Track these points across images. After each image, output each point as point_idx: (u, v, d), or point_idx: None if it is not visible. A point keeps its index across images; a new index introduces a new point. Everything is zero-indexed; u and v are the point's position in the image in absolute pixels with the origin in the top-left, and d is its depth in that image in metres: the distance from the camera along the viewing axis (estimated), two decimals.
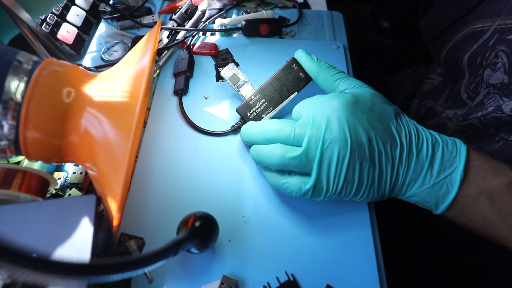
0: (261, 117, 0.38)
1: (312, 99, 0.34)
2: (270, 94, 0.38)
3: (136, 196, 0.35)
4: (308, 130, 0.31)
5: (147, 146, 0.39)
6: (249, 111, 0.38)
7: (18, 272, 0.15)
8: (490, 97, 0.42)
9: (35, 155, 0.28)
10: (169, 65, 0.46)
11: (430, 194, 0.30)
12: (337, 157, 0.30)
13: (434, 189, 0.30)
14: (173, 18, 0.50)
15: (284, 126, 0.32)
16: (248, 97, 0.38)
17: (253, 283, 0.31)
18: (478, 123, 0.43)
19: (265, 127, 0.33)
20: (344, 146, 0.29)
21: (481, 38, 0.43)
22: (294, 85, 0.38)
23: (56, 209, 0.27)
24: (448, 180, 0.30)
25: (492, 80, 0.42)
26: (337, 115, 0.30)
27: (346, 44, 0.50)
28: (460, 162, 0.30)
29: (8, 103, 0.25)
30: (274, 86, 0.38)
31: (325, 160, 0.30)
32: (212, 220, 0.29)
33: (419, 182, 0.30)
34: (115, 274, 0.18)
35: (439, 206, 0.31)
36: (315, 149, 0.30)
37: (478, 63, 0.44)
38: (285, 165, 0.31)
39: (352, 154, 0.30)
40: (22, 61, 0.26)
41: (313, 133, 0.30)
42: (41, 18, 0.42)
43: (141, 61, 0.30)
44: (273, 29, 0.48)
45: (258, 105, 0.38)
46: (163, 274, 0.31)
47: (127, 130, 0.25)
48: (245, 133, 0.36)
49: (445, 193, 0.30)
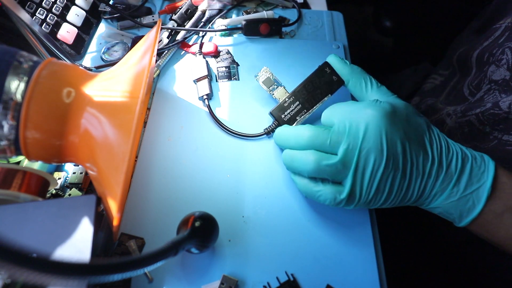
0: (295, 119, 0.38)
1: (344, 105, 0.33)
2: (303, 96, 0.38)
3: (136, 196, 0.35)
4: (345, 138, 0.30)
5: (147, 146, 0.39)
6: (283, 114, 0.38)
7: (18, 272, 0.15)
8: (490, 93, 0.43)
9: (35, 155, 0.28)
10: (169, 65, 0.46)
11: (455, 207, 0.30)
12: (372, 167, 0.30)
13: (460, 203, 0.30)
14: (173, 18, 0.50)
15: (319, 132, 0.32)
16: (282, 99, 0.38)
17: (253, 283, 0.31)
18: (475, 120, 0.43)
19: (299, 132, 0.33)
20: (380, 156, 0.29)
21: (493, 35, 0.44)
22: (327, 87, 0.38)
23: (56, 209, 0.27)
24: (474, 195, 0.30)
25: (495, 76, 0.42)
26: (375, 124, 0.30)
27: (346, 44, 0.50)
28: (488, 178, 0.30)
29: (8, 103, 0.25)
30: (307, 88, 0.38)
31: (360, 169, 0.30)
32: (212, 220, 0.29)
33: (445, 194, 0.30)
34: (115, 274, 0.18)
35: (462, 219, 0.31)
36: (351, 157, 0.30)
37: (485, 59, 0.44)
38: (320, 172, 0.31)
39: (387, 165, 0.30)
40: (22, 61, 0.26)
41: (350, 141, 0.30)
42: (41, 18, 0.42)
43: (141, 61, 0.30)
44: (273, 28, 0.48)
45: (292, 108, 0.38)
46: (163, 274, 0.31)
47: (127, 130, 0.25)
48: (279, 136, 0.35)
49: (470, 207, 0.30)
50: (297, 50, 0.48)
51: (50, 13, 0.43)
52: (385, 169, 0.30)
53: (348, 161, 0.30)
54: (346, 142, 0.30)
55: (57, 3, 0.44)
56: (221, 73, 0.45)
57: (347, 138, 0.30)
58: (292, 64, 0.46)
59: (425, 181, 0.30)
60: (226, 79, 0.45)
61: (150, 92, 0.43)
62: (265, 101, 0.43)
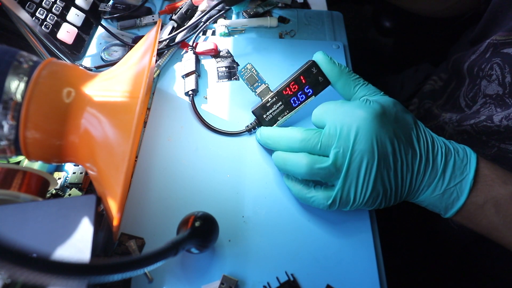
0: (277, 119, 0.37)
1: (334, 105, 0.33)
2: (286, 97, 0.38)
3: (136, 196, 0.35)
4: (335, 141, 0.31)
5: (147, 146, 0.39)
6: (265, 113, 0.38)
7: (18, 272, 0.15)
8: (486, 106, 0.43)
9: (35, 155, 0.28)
10: (169, 65, 0.46)
11: (440, 200, 0.32)
12: (365, 168, 0.30)
13: (445, 196, 0.31)
14: (173, 18, 0.50)
15: (310, 136, 0.32)
16: (265, 99, 0.38)
17: (253, 283, 0.31)
18: (471, 130, 0.44)
19: (290, 135, 0.33)
20: (372, 158, 0.30)
21: (478, 50, 0.45)
22: (312, 89, 0.37)
23: (56, 209, 0.27)
24: (458, 188, 0.31)
25: (488, 90, 0.43)
26: (366, 126, 0.30)
27: (346, 44, 0.50)
28: (470, 171, 0.31)
29: (8, 103, 0.25)
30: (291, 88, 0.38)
31: (354, 171, 0.30)
32: (212, 220, 0.29)
33: (431, 188, 0.31)
34: (115, 274, 0.18)
35: (448, 211, 0.32)
36: (343, 160, 0.30)
37: (475, 73, 0.45)
38: (312, 175, 0.31)
39: (379, 165, 0.30)
40: (22, 61, 0.26)
41: (341, 144, 0.30)
42: (41, 18, 0.42)
43: (141, 61, 0.30)
44: None
45: (274, 108, 0.37)
46: (163, 274, 0.31)
47: (127, 130, 0.25)
48: (267, 137, 0.35)
49: (454, 199, 0.31)
50: (297, 50, 0.48)
51: (50, 13, 0.43)
52: (378, 170, 0.30)
53: (340, 164, 0.31)
54: (337, 145, 0.31)
55: (57, 3, 0.44)
56: (221, 73, 0.45)
57: (338, 141, 0.31)
58: (292, 64, 0.46)
59: (415, 177, 0.31)
60: (226, 79, 0.45)
61: (150, 92, 0.43)
62: None
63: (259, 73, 0.39)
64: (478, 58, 0.45)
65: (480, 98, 0.44)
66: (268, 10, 0.53)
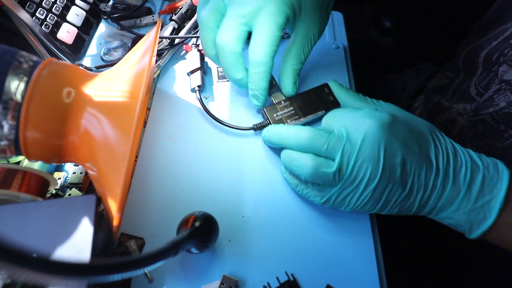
0: (286, 122, 0.37)
1: (345, 112, 0.33)
2: (298, 104, 0.38)
3: (136, 196, 0.35)
4: (342, 144, 0.30)
5: (147, 146, 0.39)
6: (275, 113, 0.38)
7: (18, 272, 0.15)
8: (501, 93, 0.42)
9: (35, 155, 0.28)
10: (170, 65, 0.46)
11: (465, 219, 0.29)
12: (368, 177, 0.29)
13: (471, 215, 0.29)
14: (173, 18, 0.50)
15: (318, 136, 0.31)
16: (278, 101, 0.38)
17: (253, 283, 0.31)
18: (490, 119, 0.43)
19: (298, 133, 0.33)
20: (376, 167, 0.29)
21: (502, 35, 0.44)
22: (323, 104, 0.38)
23: (56, 209, 0.27)
24: (486, 207, 0.29)
25: (507, 76, 0.42)
26: (373, 134, 0.29)
27: (346, 44, 0.50)
28: (502, 189, 0.28)
29: (8, 103, 0.25)
30: (303, 98, 0.38)
31: (354, 179, 0.30)
32: (212, 220, 0.29)
33: (454, 206, 0.29)
34: (115, 274, 0.18)
35: (473, 231, 0.30)
36: (347, 165, 0.30)
37: (494, 60, 0.44)
38: (316, 178, 0.31)
39: (383, 175, 0.29)
40: (22, 61, 0.26)
41: (347, 148, 0.30)
42: (41, 18, 0.42)
43: (141, 61, 0.30)
44: None
45: (285, 111, 0.38)
46: (163, 274, 0.31)
47: (127, 130, 0.25)
48: (275, 134, 0.35)
49: (481, 220, 0.29)
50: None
51: (50, 13, 0.43)
52: (381, 180, 0.29)
53: (343, 169, 0.30)
54: (343, 149, 0.30)
55: (57, 3, 0.44)
56: (221, 73, 0.45)
57: (345, 146, 0.30)
58: None
59: (429, 193, 0.29)
60: (226, 79, 0.44)
61: (150, 92, 0.43)
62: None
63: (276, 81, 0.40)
64: (500, 43, 0.44)
65: (495, 85, 0.43)
66: None
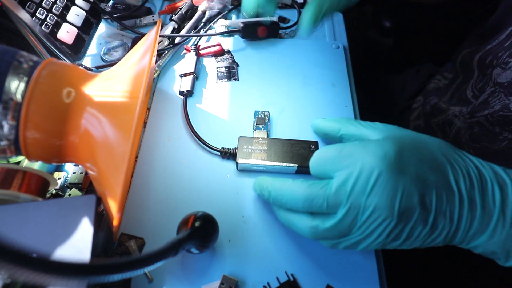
0: (251, 157, 0.36)
1: (336, 152, 0.28)
2: (276, 148, 0.36)
3: (136, 196, 0.35)
4: (345, 199, 0.26)
5: (147, 146, 0.39)
6: (248, 146, 0.36)
7: (18, 272, 0.15)
8: (495, 95, 0.42)
9: (35, 155, 0.28)
10: (169, 65, 0.46)
11: (501, 246, 0.25)
12: (383, 226, 0.25)
13: (508, 242, 0.25)
14: (173, 18, 0.50)
15: (315, 194, 0.27)
16: (258, 136, 0.37)
17: (253, 283, 0.31)
18: (485, 121, 0.43)
19: (293, 191, 0.28)
20: (390, 214, 0.25)
21: (497, 39, 0.44)
22: (300, 159, 0.36)
23: (56, 209, 0.27)
24: None
25: (500, 78, 0.42)
26: (381, 177, 0.25)
27: (346, 44, 0.50)
28: None
29: (8, 103, 0.25)
30: (284, 145, 0.36)
31: (368, 229, 0.26)
32: (212, 220, 0.29)
33: (487, 234, 0.25)
34: (115, 274, 0.18)
35: (510, 259, 0.26)
36: (354, 220, 0.26)
37: (488, 62, 0.44)
38: (318, 236, 0.28)
39: (399, 221, 0.25)
40: (22, 61, 0.26)
41: (351, 201, 0.25)
42: (41, 18, 0.42)
43: (141, 61, 0.30)
44: (271, 32, 0.48)
45: (259, 148, 0.36)
46: (163, 274, 0.31)
47: (127, 130, 0.25)
48: (266, 189, 0.31)
49: None
50: (297, 50, 0.48)
51: (50, 13, 0.43)
52: (397, 226, 0.25)
53: (349, 222, 0.26)
54: (346, 204, 0.26)
55: (57, 3, 0.44)
56: (220, 73, 0.45)
57: (348, 199, 0.25)
58: (292, 64, 0.46)
59: (456, 225, 0.25)
60: (226, 79, 0.44)
61: (150, 92, 0.43)
62: (265, 102, 0.43)
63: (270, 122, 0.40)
64: (494, 47, 0.44)
65: (489, 87, 0.43)
66: None
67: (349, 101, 0.43)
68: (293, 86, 0.44)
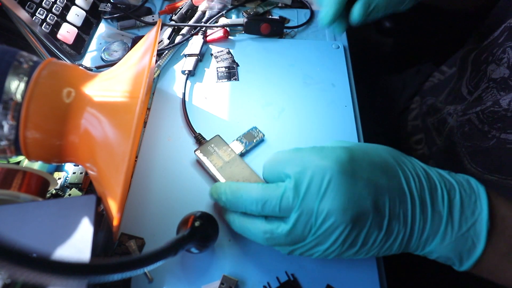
0: (209, 157, 0.35)
1: (289, 155, 0.27)
2: (234, 166, 0.35)
3: (136, 196, 0.35)
4: (297, 204, 0.25)
5: (147, 146, 0.39)
6: (215, 146, 0.36)
7: (18, 272, 0.15)
8: (488, 91, 0.43)
9: (35, 155, 0.28)
10: (169, 65, 0.46)
11: (453, 250, 0.25)
12: (336, 232, 0.25)
13: (458, 244, 0.25)
14: (173, 18, 0.50)
15: (267, 197, 0.26)
16: (230, 145, 0.37)
17: (253, 283, 0.31)
18: (475, 118, 0.43)
19: (248, 192, 0.28)
20: (342, 219, 0.24)
21: (492, 35, 0.44)
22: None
23: (56, 209, 0.27)
24: (472, 232, 0.25)
25: (494, 74, 0.42)
26: (332, 181, 0.25)
27: (346, 44, 0.50)
28: (483, 209, 0.25)
29: (8, 103, 0.25)
30: (242, 169, 0.34)
31: (322, 235, 0.25)
32: (212, 220, 0.29)
33: (439, 237, 0.25)
34: (115, 274, 0.18)
35: (463, 262, 0.26)
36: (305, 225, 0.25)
37: (483, 59, 0.44)
38: (272, 242, 0.27)
39: (354, 227, 0.25)
40: (22, 61, 0.26)
41: (303, 206, 0.25)
42: (41, 18, 0.42)
43: (141, 61, 0.30)
44: (274, 29, 0.48)
45: (222, 155, 0.35)
46: (163, 274, 0.31)
47: (127, 130, 0.25)
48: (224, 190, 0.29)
49: (470, 247, 0.25)
50: (297, 50, 0.48)
51: (50, 13, 0.43)
52: (351, 232, 0.25)
53: (302, 228, 0.25)
54: (299, 209, 0.25)
55: (57, 3, 0.44)
56: (220, 73, 0.45)
57: (301, 204, 0.25)
58: (292, 64, 0.46)
59: (410, 226, 0.25)
60: (226, 79, 0.45)
61: (150, 92, 0.43)
62: (264, 102, 0.43)
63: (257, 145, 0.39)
64: (489, 44, 0.44)
65: (484, 83, 0.43)
66: (268, 10, 0.53)
67: (349, 101, 0.43)
68: (293, 86, 0.44)
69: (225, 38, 0.48)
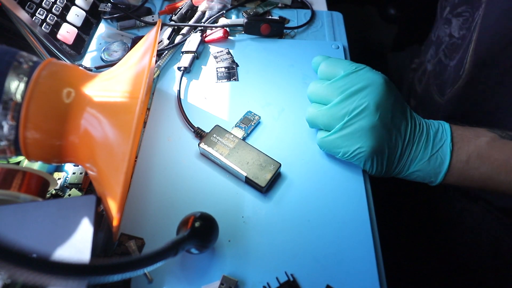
0: (214, 147, 0.36)
1: (345, 62, 0.38)
2: (240, 151, 0.36)
3: (136, 196, 0.35)
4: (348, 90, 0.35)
5: (147, 146, 0.39)
6: (217, 135, 0.37)
7: (18, 272, 0.15)
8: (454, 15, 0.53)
9: (35, 155, 0.28)
10: (169, 66, 0.46)
11: (428, 168, 0.35)
12: (367, 111, 0.34)
13: (431, 162, 0.35)
14: (173, 18, 0.50)
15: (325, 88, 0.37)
16: (233, 133, 0.38)
17: (253, 283, 0.31)
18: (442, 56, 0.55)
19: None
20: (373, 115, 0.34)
21: None
22: (252, 171, 0.35)
23: (56, 209, 0.27)
24: (440, 152, 0.35)
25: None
26: (374, 87, 0.34)
27: (346, 44, 0.50)
28: (447, 136, 0.35)
29: (8, 103, 0.25)
30: (249, 152, 0.36)
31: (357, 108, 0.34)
32: (212, 220, 0.29)
33: (418, 157, 0.35)
34: (115, 274, 0.18)
35: (438, 176, 0.35)
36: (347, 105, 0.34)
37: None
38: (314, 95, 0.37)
39: (379, 123, 0.34)
40: (22, 61, 0.26)
41: (350, 96, 0.34)
42: (41, 18, 0.42)
43: (141, 61, 0.30)
44: (274, 29, 0.48)
45: (226, 143, 0.36)
46: (163, 274, 0.31)
47: (127, 130, 0.25)
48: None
49: (440, 163, 0.35)
50: (297, 50, 0.48)
51: (50, 13, 0.43)
52: (376, 124, 0.33)
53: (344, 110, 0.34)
54: (346, 95, 0.34)
55: (57, 3, 0.44)
56: (220, 74, 0.45)
57: (349, 94, 0.34)
58: (292, 64, 0.46)
59: (406, 144, 0.35)
60: (226, 79, 0.45)
61: (150, 92, 0.43)
62: (264, 102, 0.43)
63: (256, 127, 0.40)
64: None
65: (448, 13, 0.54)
66: (268, 10, 0.53)
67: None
68: (293, 86, 0.44)
69: (224, 38, 0.48)
